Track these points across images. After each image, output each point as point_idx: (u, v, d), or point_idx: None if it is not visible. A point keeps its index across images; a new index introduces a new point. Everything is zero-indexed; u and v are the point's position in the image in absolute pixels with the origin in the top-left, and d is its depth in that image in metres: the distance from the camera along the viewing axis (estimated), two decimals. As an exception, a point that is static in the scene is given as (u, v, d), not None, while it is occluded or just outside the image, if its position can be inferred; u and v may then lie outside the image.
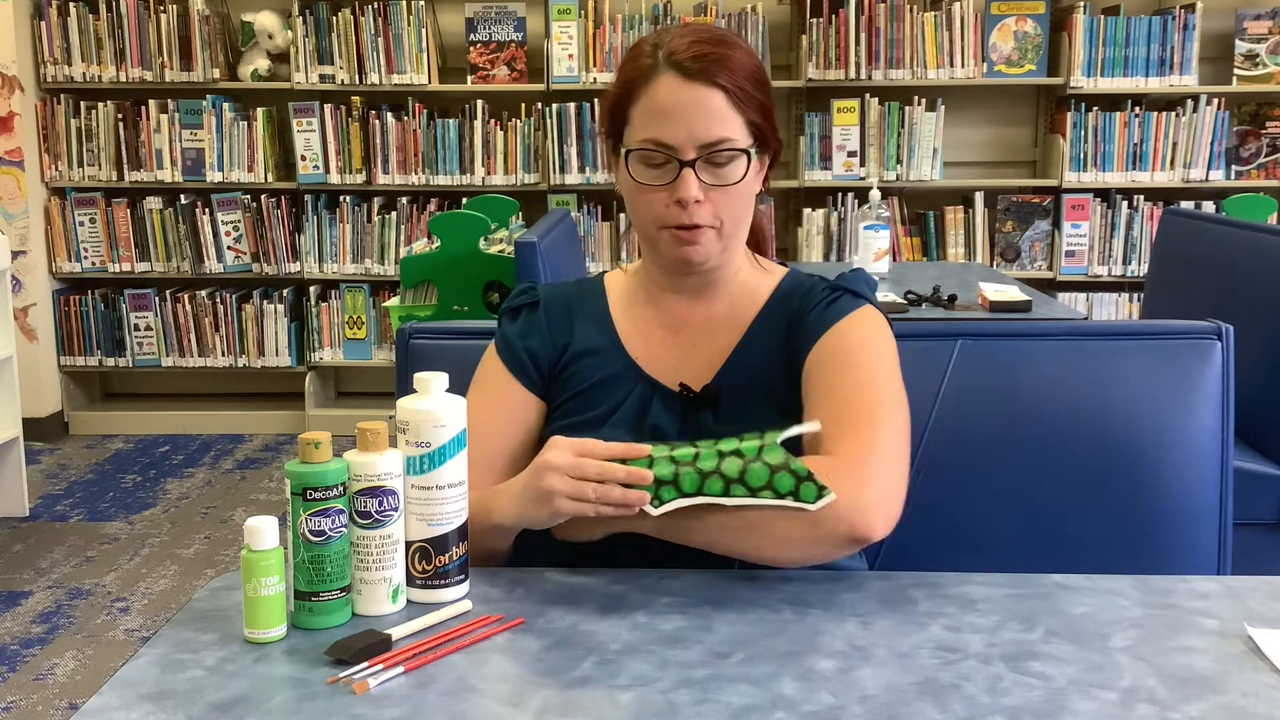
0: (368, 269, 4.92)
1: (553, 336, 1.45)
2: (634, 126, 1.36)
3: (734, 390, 1.38)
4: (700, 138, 1.32)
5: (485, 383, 1.44)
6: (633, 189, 1.37)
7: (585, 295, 1.49)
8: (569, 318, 1.46)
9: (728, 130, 1.33)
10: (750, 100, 1.34)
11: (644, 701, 0.98)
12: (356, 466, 1.14)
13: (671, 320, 1.43)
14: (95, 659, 2.95)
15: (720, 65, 1.33)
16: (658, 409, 1.38)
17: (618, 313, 1.46)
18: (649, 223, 1.37)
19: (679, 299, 1.43)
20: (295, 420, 4.98)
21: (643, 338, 1.43)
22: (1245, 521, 2.04)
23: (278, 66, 4.87)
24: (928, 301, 3.17)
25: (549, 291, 1.50)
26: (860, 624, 1.13)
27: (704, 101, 1.32)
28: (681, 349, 1.42)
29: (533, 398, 1.43)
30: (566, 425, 1.39)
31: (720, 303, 1.43)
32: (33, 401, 4.68)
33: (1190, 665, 1.05)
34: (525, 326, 1.46)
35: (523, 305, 1.48)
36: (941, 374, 1.56)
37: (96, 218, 4.94)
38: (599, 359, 1.42)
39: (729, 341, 1.41)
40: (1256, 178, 4.74)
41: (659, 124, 1.33)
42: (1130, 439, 1.55)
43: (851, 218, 4.75)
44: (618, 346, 1.43)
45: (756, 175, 1.38)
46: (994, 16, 4.71)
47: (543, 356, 1.44)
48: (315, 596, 1.12)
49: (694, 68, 1.33)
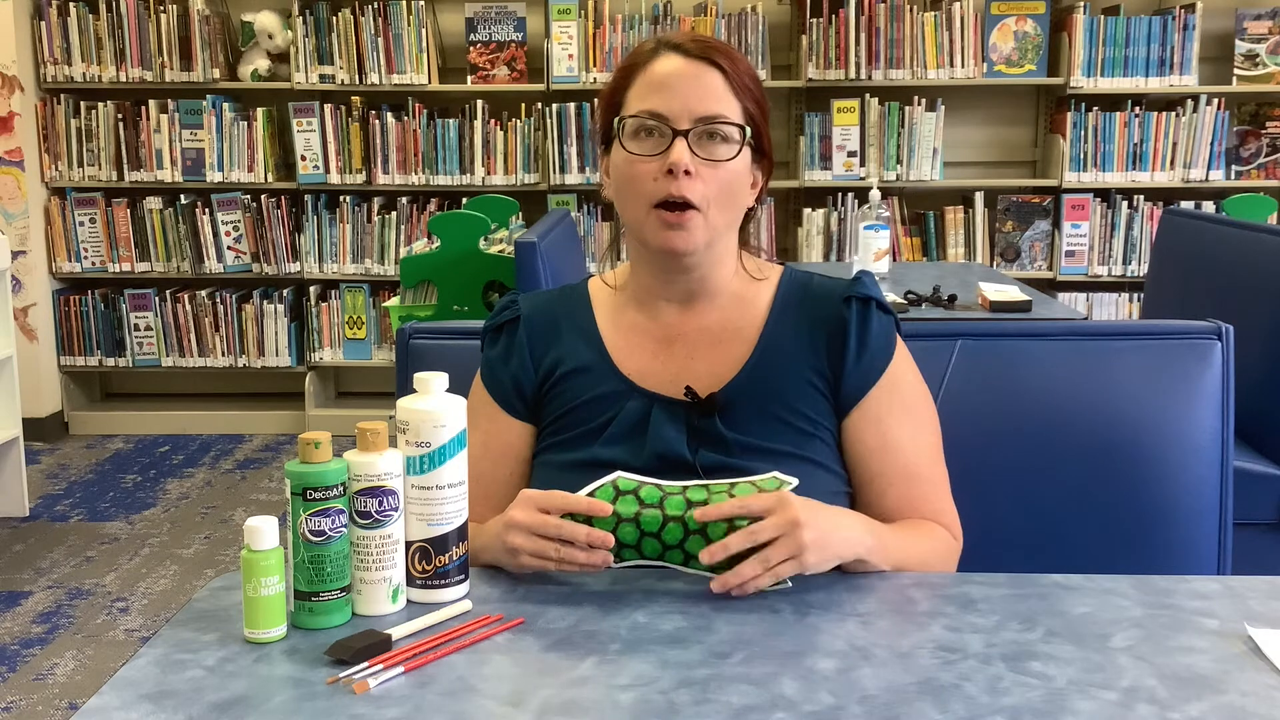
0: (368, 269, 4.92)
1: (535, 357, 1.42)
2: (629, 105, 1.35)
3: (745, 399, 1.36)
4: (696, 110, 1.31)
5: (474, 415, 1.41)
6: (623, 166, 1.34)
7: (570, 306, 1.46)
8: (554, 332, 1.43)
9: (723, 106, 1.32)
10: (748, 92, 1.34)
11: (644, 701, 0.98)
12: (356, 466, 1.14)
13: (663, 332, 1.40)
14: (95, 659, 2.95)
15: (721, 52, 1.34)
16: (659, 419, 1.35)
17: (605, 324, 1.43)
18: (637, 202, 1.34)
19: (670, 309, 1.41)
20: (295, 420, 4.98)
21: (633, 350, 1.40)
22: (1245, 521, 2.04)
23: (278, 66, 4.87)
24: (928, 301, 3.17)
25: (531, 305, 1.46)
26: (860, 624, 1.13)
27: (703, 76, 1.32)
28: (678, 361, 1.39)
29: (519, 424, 1.42)
30: (558, 443, 1.38)
31: (712, 314, 1.40)
32: (33, 401, 4.68)
33: (1190, 665, 1.05)
34: (506, 349, 1.43)
35: (504, 324, 1.45)
36: (941, 374, 1.56)
37: (96, 218, 4.94)
38: (589, 376, 1.39)
39: (738, 353, 1.38)
40: (1256, 178, 4.74)
41: (655, 95, 1.33)
42: (1130, 439, 1.55)
43: (851, 218, 4.75)
44: (607, 361, 1.40)
45: (747, 173, 1.36)
46: (994, 16, 4.71)
47: (526, 380, 1.42)
48: (315, 597, 1.12)
49: (694, 48, 1.34)
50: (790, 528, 1.17)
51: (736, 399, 1.35)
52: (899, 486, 1.35)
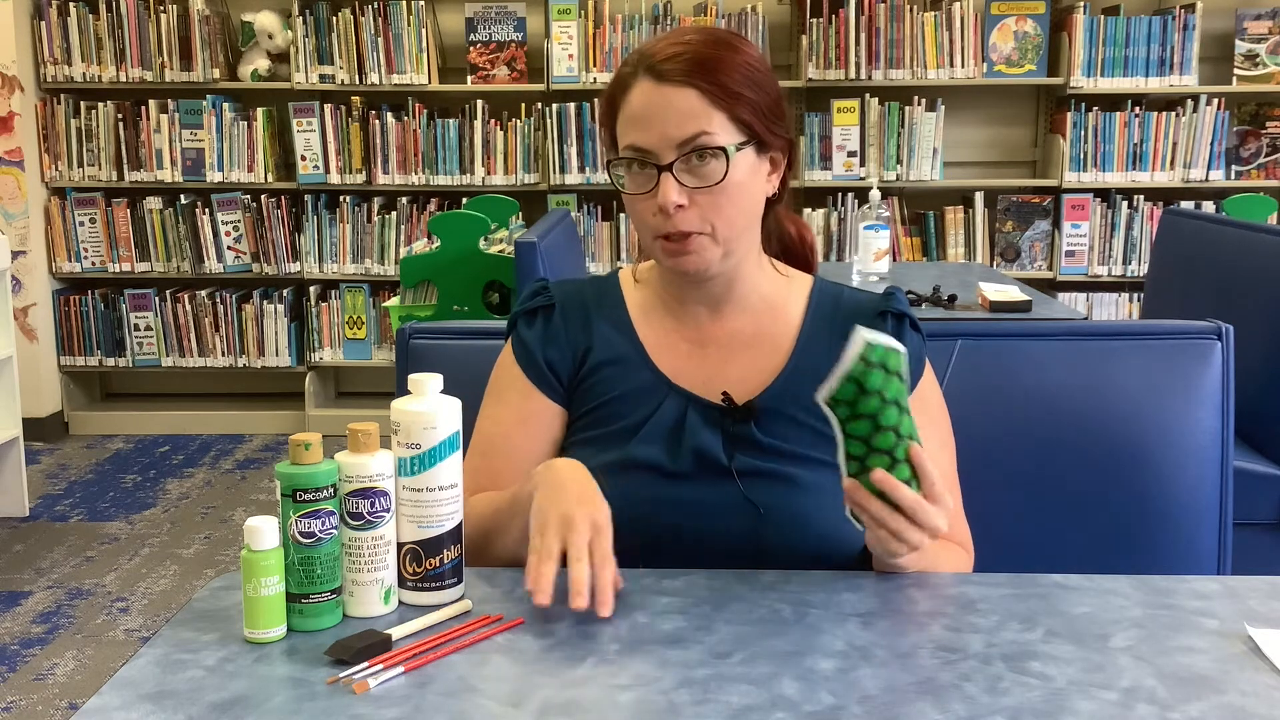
0: (368, 269, 4.92)
1: (571, 342, 1.41)
2: (619, 138, 1.34)
3: (780, 407, 1.35)
4: (674, 137, 1.28)
5: (506, 391, 1.41)
6: (628, 202, 1.34)
7: (602, 296, 1.44)
8: (586, 320, 1.42)
9: (702, 125, 1.28)
10: (734, 96, 1.29)
11: (644, 701, 0.98)
12: (348, 468, 1.14)
13: (695, 334, 1.39)
14: (95, 659, 2.95)
15: (696, 64, 1.29)
16: (695, 422, 1.34)
17: (638, 318, 1.41)
18: (644, 232, 1.34)
19: (699, 311, 1.39)
20: (295, 420, 4.98)
21: (668, 349, 1.39)
22: (1245, 521, 2.04)
23: (278, 66, 4.87)
24: (928, 301, 3.17)
25: (563, 291, 1.44)
26: (860, 624, 1.13)
27: (675, 102, 1.28)
28: (712, 364, 1.38)
29: (555, 406, 1.40)
30: (592, 437, 1.37)
31: (743, 318, 1.39)
32: (33, 401, 4.68)
33: (1190, 665, 1.05)
34: (543, 332, 1.41)
35: (538, 308, 1.43)
36: (941, 374, 1.56)
37: (96, 218, 4.94)
38: (623, 369, 1.38)
39: (773, 361, 1.37)
40: (1256, 178, 4.74)
41: (635, 130, 1.30)
42: (1130, 439, 1.55)
43: (851, 218, 4.75)
44: (643, 355, 1.39)
45: (753, 174, 1.33)
46: (994, 16, 4.71)
47: (561, 365, 1.40)
48: (305, 598, 1.12)
49: (665, 69, 1.29)
50: (932, 531, 1.19)
51: (772, 407, 1.35)
52: None
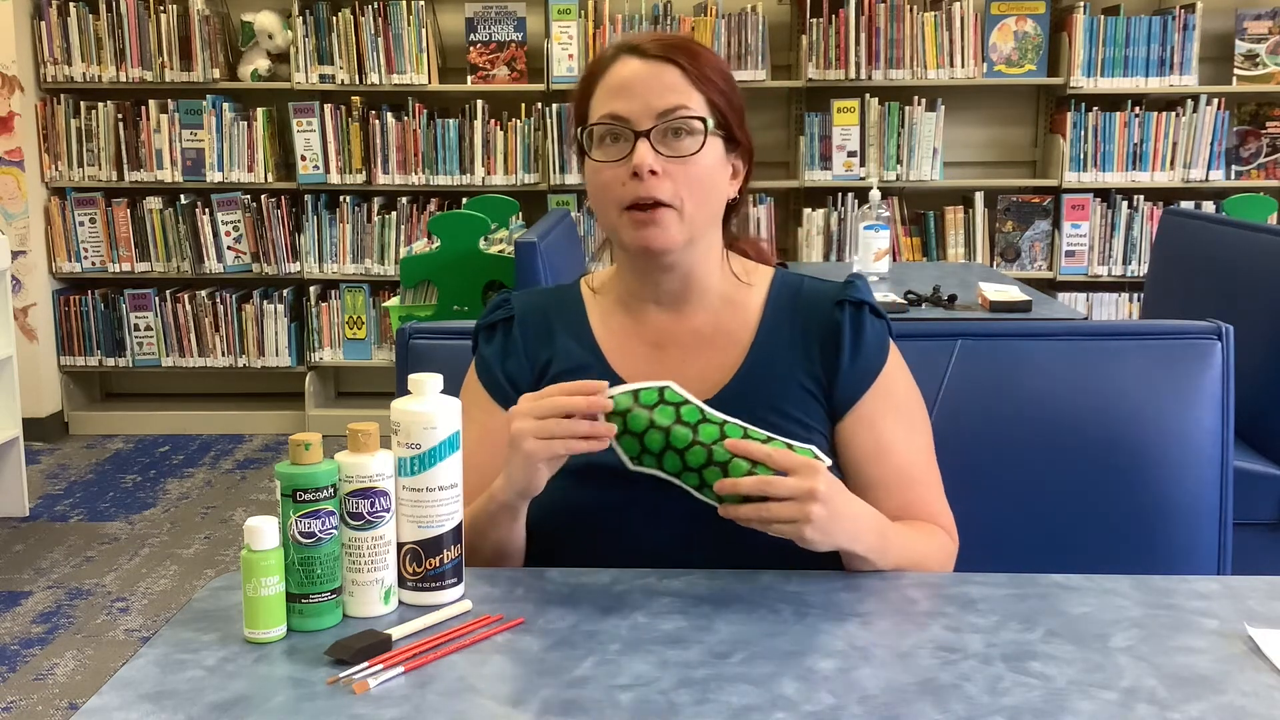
0: (368, 269, 4.92)
1: (530, 355, 1.42)
2: (592, 112, 1.35)
3: (739, 404, 1.34)
4: (655, 106, 1.31)
5: (470, 409, 1.41)
6: (593, 174, 1.35)
7: (564, 305, 1.45)
8: (547, 331, 1.43)
9: (683, 99, 1.32)
10: (710, 83, 1.34)
11: (644, 701, 0.98)
12: (348, 468, 1.14)
13: (654, 335, 1.40)
14: (95, 659, 2.95)
15: (677, 47, 1.34)
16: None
17: (597, 325, 1.43)
18: (610, 208, 1.34)
19: (659, 312, 1.40)
20: (295, 420, 4.98)
21: (627, 352, 1.40)
22: (1245, 521, 2.04)
23: (278, 66, 4.87)
24: (928, 301, 3.17)
25: (525, 303, 1.46)
26: (860, 624, 1.13)
27: (660, 75, 1.33)
28: (671, 364, 1.38)
29: None
30: None
31: (702, 317, 1.40)
32: (33, 401, 4.68)
33: (1190, 665, 1.05)
34: (502, 346, 1.43)
35: (498, 322, 1.45)
36: (941, 374, 1.56)
37: (96, 218, 4.94)
38: (583, 376, 1.37)
39: (731, 357, 1.38)
40: (1256, 178, 4.74)
41: (615, 99, 1.33)
42: (1130, 439, 1.55)
43: (851, 218, 4.75)
44: (601, 362, 1.40)
45: (721, 166, 1.36)
46: (994, 16, 4.71)
47: (521, 377, 1.41)
48: (305, 598, 1.12)
49: (648, 48, 1.34)
50: (806, 496, 1.17)
51: (730, 404, 1.34)
52: (897, 490, 1.35)
